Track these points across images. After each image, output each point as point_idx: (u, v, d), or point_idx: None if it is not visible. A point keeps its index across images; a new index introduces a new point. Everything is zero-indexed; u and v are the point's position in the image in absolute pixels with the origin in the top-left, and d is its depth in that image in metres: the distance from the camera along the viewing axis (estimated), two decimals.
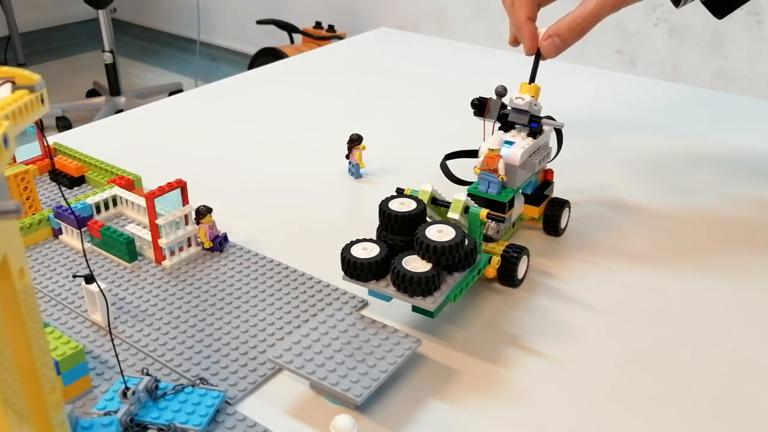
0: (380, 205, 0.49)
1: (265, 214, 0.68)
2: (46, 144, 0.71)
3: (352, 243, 0.49)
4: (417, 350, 0.47)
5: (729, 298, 0.55)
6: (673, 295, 0.55)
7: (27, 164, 0.68)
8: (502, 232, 0.58)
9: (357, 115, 0.91)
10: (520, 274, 0.55)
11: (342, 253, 0.48)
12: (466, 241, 0.48)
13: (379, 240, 0.50)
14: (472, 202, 0.51)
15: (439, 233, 0.47)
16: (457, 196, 0.50)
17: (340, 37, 2.43)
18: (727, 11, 0.60)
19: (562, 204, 0.62)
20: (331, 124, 0.88)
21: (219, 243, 0.60)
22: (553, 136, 0.62)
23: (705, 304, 0.54)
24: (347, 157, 0.73)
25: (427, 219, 0.51)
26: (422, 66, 1.07)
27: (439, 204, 0.52)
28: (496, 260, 0.53)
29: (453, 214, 0.49)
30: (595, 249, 0.61)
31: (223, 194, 0.70)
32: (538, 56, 0.59)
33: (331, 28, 2.52)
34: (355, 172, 0.74)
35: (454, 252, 0.46)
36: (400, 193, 0.52)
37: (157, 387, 0.43)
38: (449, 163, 0.61)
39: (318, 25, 2.56)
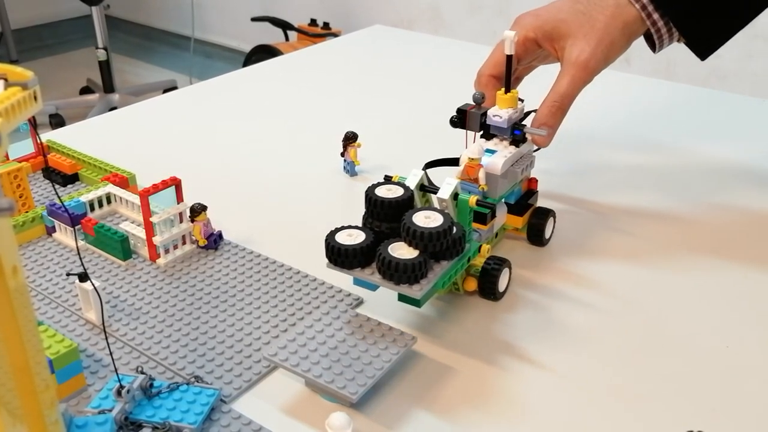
0: (366, 191, 0.48)
1: (260, 211, 0.68)
2: (39, 141, 0.71)
3: (337, 230, 0.47)
4: (412, 348, 0.47)
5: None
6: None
7: (20, 162, 0.68)
8: (484, 241, 0.56)
9: (352, 112, 0.91)
10: (502, 287, 0.53)
11: (326, 240, 0.46)
12: (455, 229, 0.47)
13: (365, 227, 0.48)
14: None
15: (426, 219, 0.45)
16: (449, 179, 0.49)
17: (335, 35, 2.43)
18: (709, 52, 0.61)
19: (546, 214, 0.60)
20: (326, 122, 0.87)
21: (214, 241, 0.60)
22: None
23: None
24: (342, 154, 0.73)
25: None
26: (417, 64, 1.07)
27: (427, 190, 0.51)
28: (486, 248, 0.52)
29: (443, 195, 0.48)
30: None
31: (218, 192, 0.69)
32: (510, 63, 0.56)
33: (326, 25, 2.52)
34: (351, 169, 0.74)
35: (442, 239, 0.45)
36: (388, 180, 0.51)
37: (151, 385, 0.43)
38: (431, 171, 0.59)
39: (313, 22, 2.56)
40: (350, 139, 0.72)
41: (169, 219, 0.58)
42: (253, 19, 2.64)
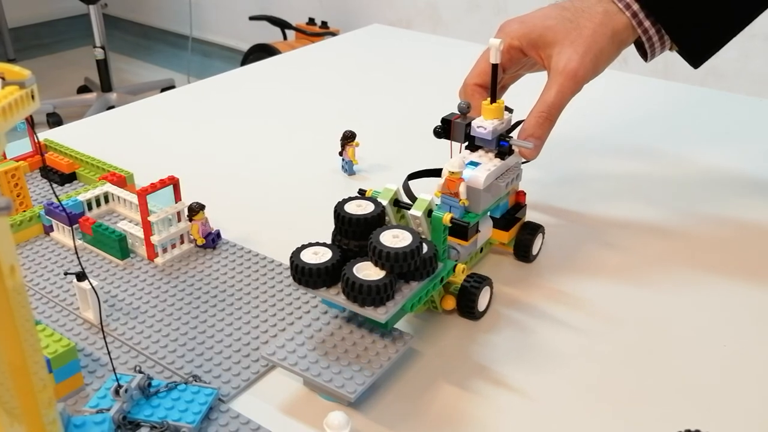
0: (335, 207, 0.46)
1: (258, 211, 0.68)
2: (36, 140, 0.70)
3: (303, 247, 0.46)
4: (411, 347, 0.47)
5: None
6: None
7: (17, 161, 0.68)
8: (465, 259, 0.54)
9: (350, 111, 0.91)
10: (482, 306, 0.51)
11: (291, 257, 0.45)
12: (425, 248, 0.45)
13: (333, 244, 0.46)
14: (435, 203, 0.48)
15: (394, 239, 0.43)
16: (424, 195, 0.47)
17: (333, 34, 2.42)
18: (702, 60, 0.60)
19: (535, 229, 0.57)
20: (324, 121, 0.87)
21: (212, 240, 0.60)
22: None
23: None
24: (340, 154, 0.73)
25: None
26: (415, 62, 1.07)
27: (401, 206, 0.49)
28: (461, 268, 0.49)
29: (416, 212, 0.47)
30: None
31: (216, 191, 0.69)
32: (496, 72, 0.54)
33: (324, 24, 2.51)
34: (349, 169, 0.74)
35: (410, 259, 0.43)
36: (362, 195, 0.49)
37: (149, 384, 0.43)
38: (414, 183, 0.57)
39: (311, 21, 2.56)
40: (348, 138, 0.72)
41: (167, 218, 0.58)
42: (251, 18, 2.63)
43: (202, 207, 0.59)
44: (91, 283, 0.47)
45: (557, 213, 0.66)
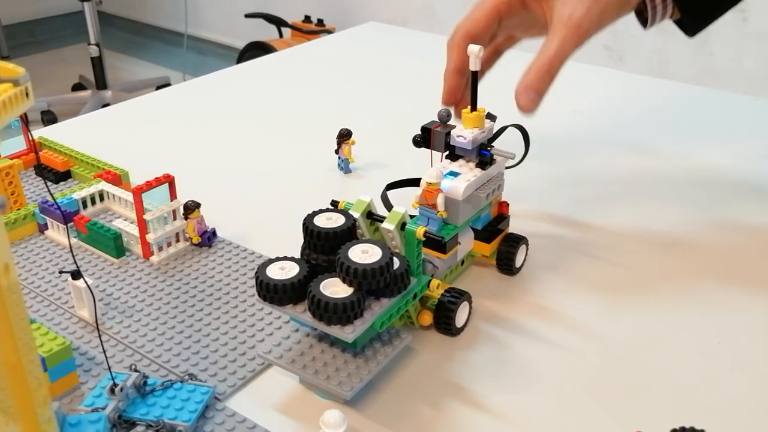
0: (304, 219, 0.45)
1: (254, 209, 0.67)
2: (31, 138, 0.70)
3: (270, 261, 0.44)
4: (407, 345, 0.47)
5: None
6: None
7: (12, 159, 0.68)
8: (445, 272, 0.52)
9: (346, 109, 0.91)
10: (460, 322, 0.49)
11: (256, 273, 0.43)
12: (396, 263, 0.43)
13: (302, 259, 0.45)
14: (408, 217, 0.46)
15: (363, 254, 0.42)
16: (397, 208, 0.46)
17: (329, 32, 2.42)
18: (697, 30, 0.58)
19: (517, 240, 0.55)
20: (320, 119, 0.87)
21: (207, 238, 0.60)
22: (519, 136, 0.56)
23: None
24: (336, 152, 0.73)
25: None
26: (412, 60, 1.07)
27: (375, 219, 0.47)
28: (435, 283, 0.48)
29: (388, 225, 0.45)
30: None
31: (212, 189, 0.69)
32: (476, 79, 0.51)
33: (320, 22, 2.51)
34: (345, 167, 0.73)
35: (378, 276, 0.41)
36: (335, 206, 0.48)
37: (145, 383, 0.43)
38: (393, 194, 0.56)
39: (307, 19, 2.55)
40: (344, 136, 0.72)
41: (162, 216, 0.58)
42: (247, 16, 2.63)
43: (197, 205, 0.59)
44: (86, 282, 0.47)
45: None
